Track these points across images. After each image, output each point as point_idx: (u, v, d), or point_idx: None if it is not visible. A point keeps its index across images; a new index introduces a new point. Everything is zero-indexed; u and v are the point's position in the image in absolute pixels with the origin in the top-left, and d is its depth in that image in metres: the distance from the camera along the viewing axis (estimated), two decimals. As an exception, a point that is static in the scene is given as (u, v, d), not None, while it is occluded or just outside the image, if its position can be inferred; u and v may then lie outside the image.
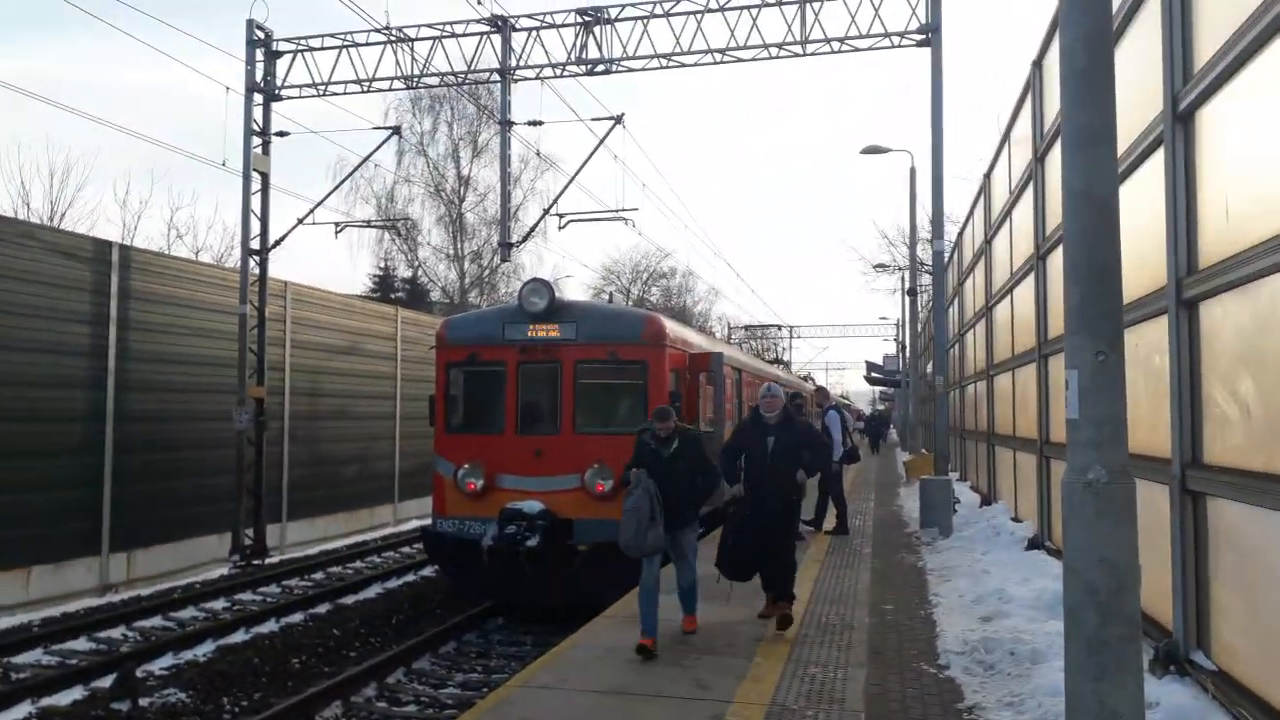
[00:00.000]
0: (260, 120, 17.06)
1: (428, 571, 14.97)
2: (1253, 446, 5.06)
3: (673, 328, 12.78)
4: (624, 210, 17.99)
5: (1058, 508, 10.65)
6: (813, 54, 15.62)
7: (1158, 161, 6.45)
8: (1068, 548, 4.65)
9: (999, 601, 8.64)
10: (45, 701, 8.52)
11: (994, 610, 8.38)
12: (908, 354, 42.21)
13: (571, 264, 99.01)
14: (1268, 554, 4.87)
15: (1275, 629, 4.80)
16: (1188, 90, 5.82)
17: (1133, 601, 4.48)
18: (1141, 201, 6.83)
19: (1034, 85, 11.36)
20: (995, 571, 10.02)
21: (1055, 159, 10.30)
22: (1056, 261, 10.21)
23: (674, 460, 7.37)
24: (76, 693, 8.80)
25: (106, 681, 8.87)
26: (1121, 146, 5.77)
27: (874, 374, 57.71)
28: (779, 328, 63.54)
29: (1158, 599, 6.46)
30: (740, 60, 15.84)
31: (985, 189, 17.05)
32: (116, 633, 11.23)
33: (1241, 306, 5.21)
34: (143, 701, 8.46)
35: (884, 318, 68.80)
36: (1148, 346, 6.86)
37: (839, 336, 68.34)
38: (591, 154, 17.59)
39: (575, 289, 59.32)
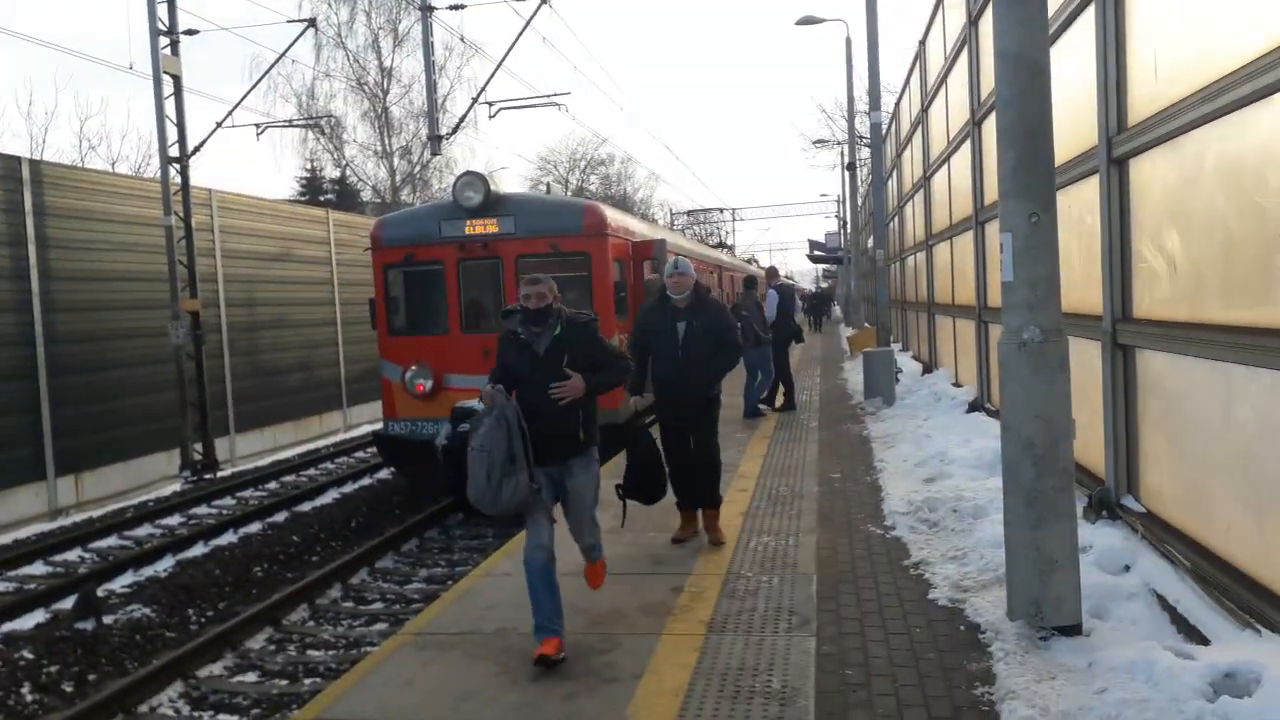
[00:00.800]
0: (166, 18, 16.11)
1: (384, 475, 15.03)
2: (1178, 299, 5.22)
3: (614, 216, 12.65)
4: (556, 95, 17.56)
5: (996, 371, 10.98)
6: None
7: (1088, 20, 6.42)
8: (1004, 407, 4.82)
9: (941, 463, 8.94)
10: (7, 626, 8.50)
11: (937, 471, 8.68)
12: (849, 230, 42.44)
13: (506, 155, 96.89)
14: (1190, 400, 5.10)
15: (1197, 470, 5.06)
16: (1117, -57, 5.76)
17: (1066, 454, 4.69)
18: (1073, 64, 6.83)
19: (965, -54, 11.15)
20: (937, 435, 10.34)
21: (988, 23, 10.20)
22: (992, 127, 10.23)
23: (549, 360, 4.88)
24: (39, 616, 8.79)
25: (68, 603, 8.86)
26: (1052, 7, 5.73)
27: (816, 252, 58.08)
28: (721, 211, 63.26)
29: (1091, 450, 6.75)
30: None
31: (921, 56, 16.88)
32: (73, 555, 11.18)
33: (1169, 162, 5.30)
34: (106, 619, 8.49)
35: (825, 195, 68.99)
36: (1080, 206, 6.97)
37: (782, 216, 68.65)
38: (518, 36, 17.08)
39: (512, 181, 58.11)
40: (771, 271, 16.06)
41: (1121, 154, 5.90)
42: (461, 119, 20.01)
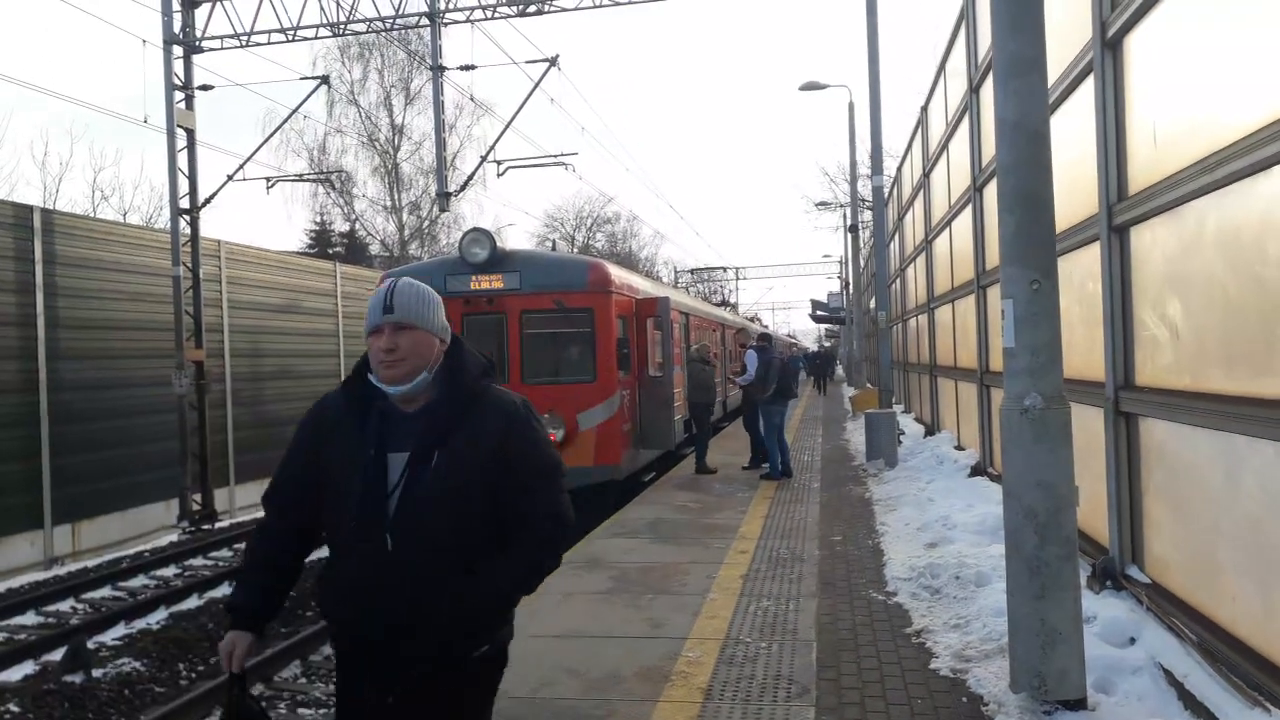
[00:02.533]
0: (181, 74, 16.44)
1: (382, 528, 14.90)
2: (1180, 367, 5.21)
3: (618, 273, 12.74)
4: (564, 155, 17.78)
5: (999, 435, 10.93)
6: (747, -10, 15.44)
7: (1087, 90, 6.51)
8: (1007, 473, 4.78)
9: (943, 528, 8.85)
10: (-5, 678, 8.39)
11: (939, 536, 8.59)
12: (851, 291, 42.64)
13: (513, 213, 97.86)
14: (1194, 469, 5.05)
15: (1202, 541, 5.00)
16: (1115, 16, 5.86)
17: (1069, 522, 4.63)
18: (1073, 132, 6.91)
19: (968, 15, 11.37)
20: (940, 499, 10.25)
21: (989, 91, 10.36)
22: (993, 193, 10.32)
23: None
24: (27, 667, 8.68)
25: (58, 655, 8.74)
26: (1052, 76, 5.82)
27: (819, 312, 58.29)
28: (725, 269, 63.67)
29: (1094, 518, 6.68)
30: (674, -2, 15.61)
31: (923, 121, 17.11)
32: (65, 605, 11.06)
33: (1169, 231, 5.33)
34: (96, 672, 8.38)
35: (828, 256, 69.20)
36: (1081, 273, 6.99)
37: (784, 276, 68.85)
38: (527, 97, 17.32)
39: (519, 238, 58.68)
40: (763, 336, 15.98)
41: (1122, 222, 5.94)
42: (470, 176, 20.24)
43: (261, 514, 2.86)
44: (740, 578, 7.57)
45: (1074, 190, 6.83)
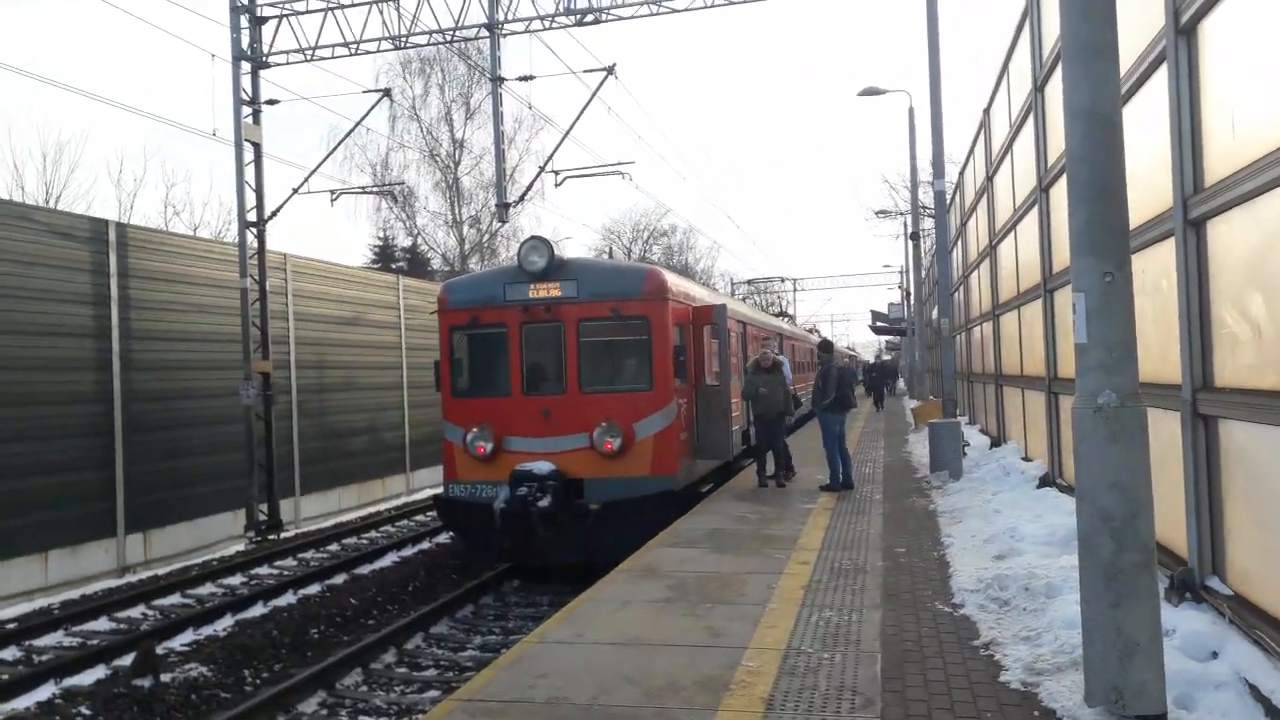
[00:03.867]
0: (249, 89, 16.84)
1: (443, 538, 15.03)
2: (1264, 366, 4.97)
3: (675, 281, 12.67)
4: (620, 164, 17.79)
5: (1068, 445, 10.59)
6: (804, -4, 15.31)
7: (1160, 80, 6.28)
8: (1079, 476, 4.59)
9: (1011, 539, 8.60)
10: (68, 681, 8.59)
11: (1007, 548, 8.34)
12: (912, 301, 41.96)
13: (571, 225, 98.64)
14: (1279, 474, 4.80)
15: (1292, 549, 4.74)
16: (1189, 2, 5.65)
17: (1147, 527, 4.43)
18: (1144, 125, 6.68)
19: (1031, 13, 11.11)
20: (1007, 511, 9.98)
21: (1054, 88, 10.10)
22: (1059, 193, 10.05)
23: None
24: (99, 672, 8.86)
25: (128, 660, 8.92)
26: (1124, 67, 5.62)
27: (879, 323, 57.44)
28: (782, 280, 63.23)
29: (1171, 527, 6.41)
30: (732, 3, 15.55)
31: (985, 125, 16.79)
32: (136, 612, 11.31)
33: (1249, 223, 5.09)
34: (164, 677, 8.52)
35: (887, 265, 68.46)
36: (1155, 272, 6.74)
37: (843, 287, 68.10)
38: (585, 107, 17.35)
39: (576, 250, 59.01)
40: (823, 344, 15.62)
41: (1198, 215, 5.70)
42: (529, 187, 20.36)
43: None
44: (801, 588, 7.42)
45: (1144, 186, 6.60)
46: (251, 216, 16.69)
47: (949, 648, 5.93)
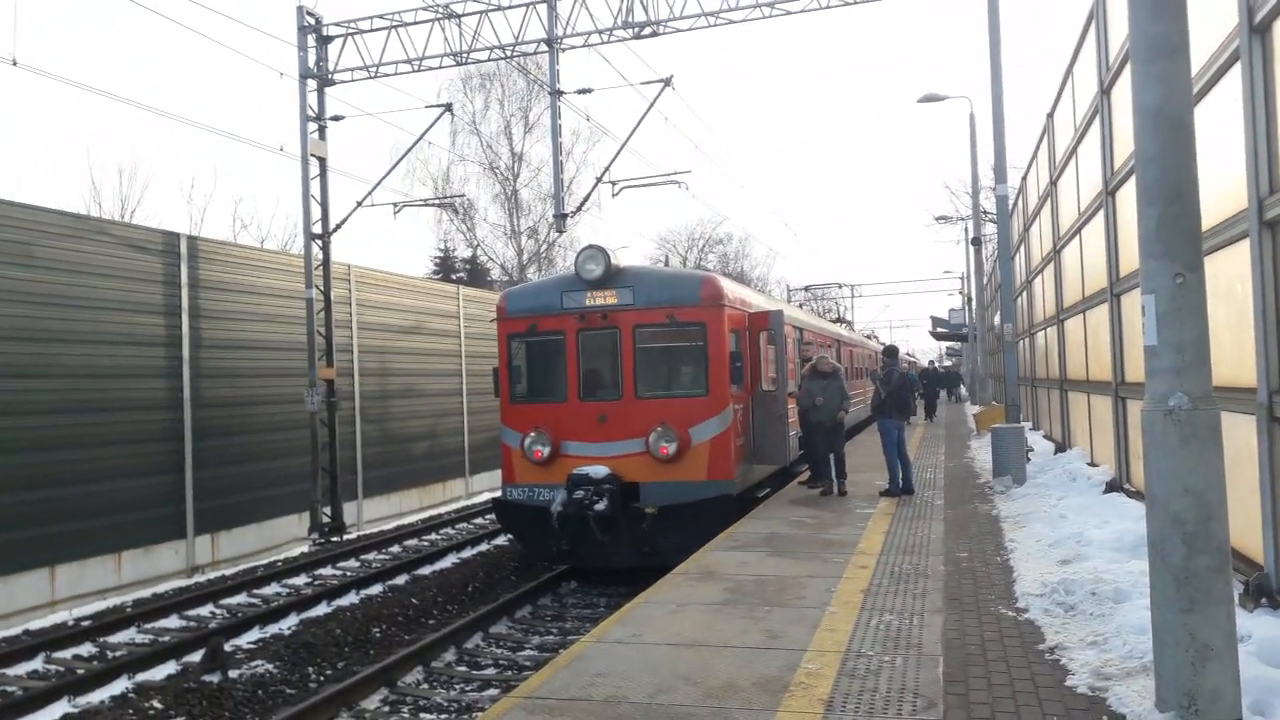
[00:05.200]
0: (315, 106, 17.26)
1: (501, 541, 15.19)
2: (1345, 367, 4.83)
3: (731, 287, 12.66)
4: (677, 174, 17.84)
5: (1135, 449, 10.37)
6: (863, 1, 15.23)
7: (1234, 79, 6.15)
8: (1150, 479, 4.50)
9: (1077, 544, 8.43)
10: (140, 676, 8.87)
11: (1073, 553, 8.18)
12: (974, 306, 41.29)
13: (627, 234, 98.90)
14: (1364, 478, 4.66)
15: (1375, 555, 4.60)
16: (1264, 1, 5.53)
17: (1221, 531, 4.34)
18: (1216, 127, 6.53)
19: (1097, 15, 10.93)
20: (1072, 516, 9.78)
21: (1120, 91, 9.91)
22: (1126, 197, 9.85)
23: None
24: (170, 667, 9.14)
25: (197, 656, 9.19)
26: (1194, 67, 5.51)
27: (939, 329, 56.64)
28: (840, 286, 62.64)
29: (1246, 532, 6.24)
30: (789, 13, 15.51)
31: (1048, 129, 16.51)
32: (205, 610, 11.62)
33: (1328, 221, 4.96)
34: (232, 673, 8.76)
35: (948, 271, 67.49)
36: (1228, 275, 6.58)
37: (902, 293, 67.36)
38: (642, 118, 17.44)
39: (632, 259, 59.16)
40: (888, 350, 15.40)
41: (1275, 216, 5.56)
42: (586, 197, 20.52)
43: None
44: (860, 592, 7.36)
45: (1215, 189, 6.45)
46: (317, 229, 17.08)
47: (1013, 652, 5.84)
